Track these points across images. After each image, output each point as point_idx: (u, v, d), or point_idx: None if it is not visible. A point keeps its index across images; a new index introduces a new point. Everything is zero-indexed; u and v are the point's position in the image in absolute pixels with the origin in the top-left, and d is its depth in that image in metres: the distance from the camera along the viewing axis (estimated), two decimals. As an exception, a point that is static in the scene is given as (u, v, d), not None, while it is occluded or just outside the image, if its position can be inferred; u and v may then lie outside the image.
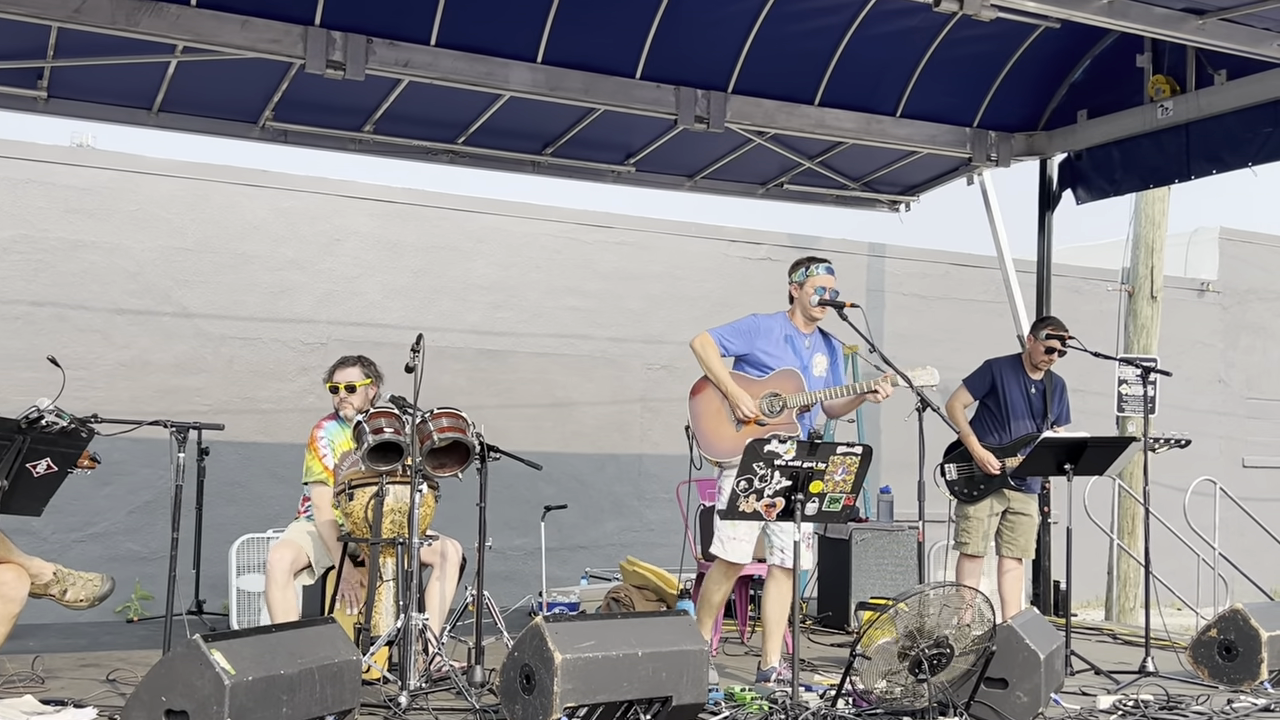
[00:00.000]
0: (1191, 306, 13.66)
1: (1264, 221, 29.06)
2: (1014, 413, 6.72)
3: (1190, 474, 10.77)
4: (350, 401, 5.71)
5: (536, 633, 4.37)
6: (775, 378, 5.63)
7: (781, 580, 5.66)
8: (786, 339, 5.70)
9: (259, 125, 7.64)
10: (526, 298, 10.17)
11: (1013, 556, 6.78)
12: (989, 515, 6.70)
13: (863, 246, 11.85)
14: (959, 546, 6.74)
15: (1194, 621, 9.46)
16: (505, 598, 8.80)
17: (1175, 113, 7.67)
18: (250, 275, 9.17)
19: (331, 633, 4.42)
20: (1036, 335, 6.77)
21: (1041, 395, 6.76)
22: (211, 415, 8.71)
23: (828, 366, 5.80)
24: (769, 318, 5.75)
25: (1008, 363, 6.83)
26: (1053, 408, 6.75)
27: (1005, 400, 6.72)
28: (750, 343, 5.66)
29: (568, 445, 10.23)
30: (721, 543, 5.56)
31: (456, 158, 8.21)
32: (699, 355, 5.65)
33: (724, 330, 5.70)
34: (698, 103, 7.49)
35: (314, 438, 5.72)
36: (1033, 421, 6.73)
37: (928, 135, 8.33)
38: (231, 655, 3.87)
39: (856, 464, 4.81)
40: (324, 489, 5.63)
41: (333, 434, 5.73)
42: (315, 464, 5.68)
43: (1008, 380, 6.75)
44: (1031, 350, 6.78)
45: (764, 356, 5.65)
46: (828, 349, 5.83)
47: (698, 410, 5.68)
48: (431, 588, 5.49)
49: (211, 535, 8.03)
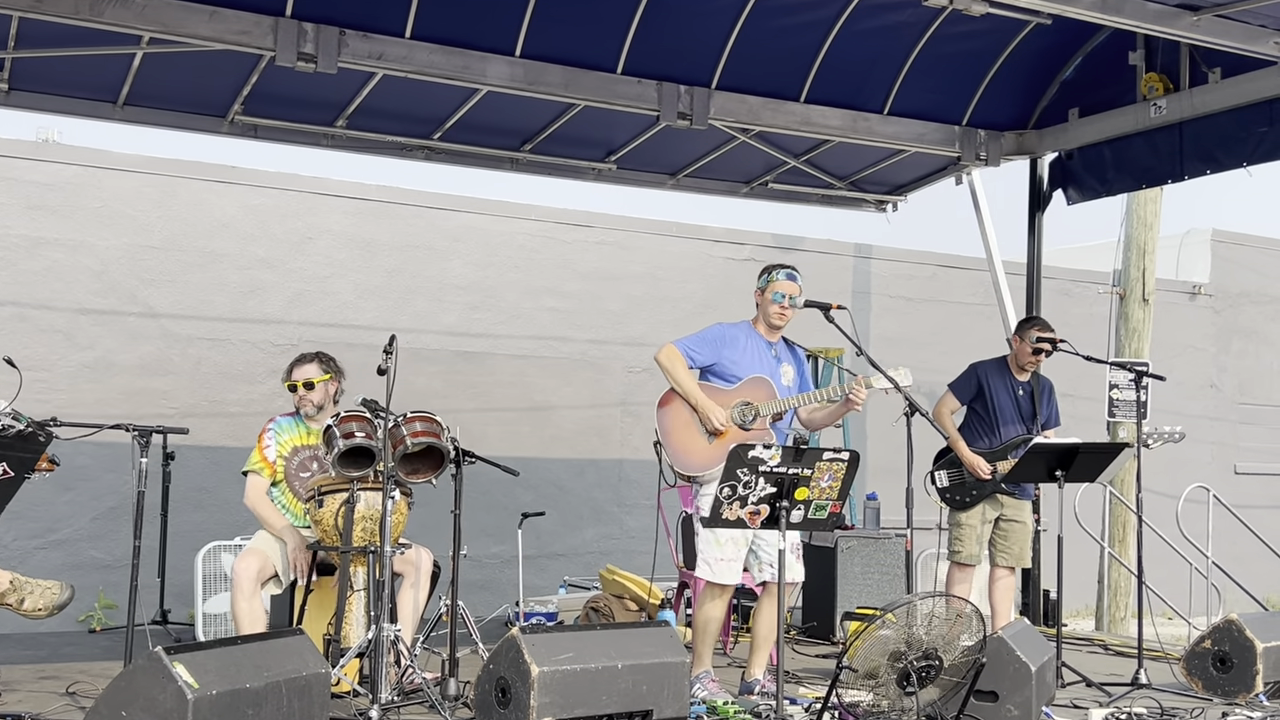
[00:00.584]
0: (1183, 310, 13.70)
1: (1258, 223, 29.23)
2: (1003, 416, 6.70)
3: (1182, 480, 10.79)
4: (310, 399, 5.71)
5: (512, 644, 4.34)
6: (745, 386, 5.59)
7: (773, 598, 5.60)
8: (753, 348, 5.65)
9: (228, 120, 7.58)
10: (504, 298, 10.12)
11: (1007, 565, 6.75)
12: (982, 523, 6.68)
13: (848, 247, 11.84)
14: (951, 555, 6.71)
15: (1186, 631, 9.49)
16: (481, 607, 8.75)
17: (1168, 111, 7.67)
18: (219, 274, 9.09)
19: (299, 644, 4.36)
20: (1023, 336, 6.75)
21: (1030, 397, 6.74)
22: (178, 419, 8.67)
23: (795, 376, 5.76)
24: (733, 326, 5.71)
25: (993, 365, 6.82)
26: (1041, 410, 6.74)
27: (993, 404, 6.70)
28: (717, 352, 5.61)
29: (546, 450, 10.19)
30: (709, 565, 5.48)
31: (432, 154, 8.18)
32: (665, 368, 5.58)
33: (689, 341, 5.64)
34: (680, 99, 7.48)
35: (263, 430, 5.75)
36: (1022, 424, 6.72)
37: (915, 133, 8.33)
38: (195, 668, 3.81)
39: (843, 470, 4.76)
40: (258, 479, 5.63)
41: (282, 428, 5.74)
42: (255, 454, 5.69)
43: (994, 383, 6.73)
44: (1018, 352, 6.76)
45: (731, 365, 5.60)
46: (794, 359, 5.80)
47: (667, 424, 5.59)
48: (404, 597, 5.44)
49: (178, 543, 7.98)
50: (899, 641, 4.64)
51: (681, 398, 5.57)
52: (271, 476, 5.61)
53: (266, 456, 5.64)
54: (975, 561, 6.68)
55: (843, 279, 11.65)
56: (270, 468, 5.61)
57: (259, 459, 5.65)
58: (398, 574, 5.46)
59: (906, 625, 4.68)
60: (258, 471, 5.64)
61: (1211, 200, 40.71)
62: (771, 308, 5.65)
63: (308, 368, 5.75)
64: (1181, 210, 17.59)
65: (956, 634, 4.80)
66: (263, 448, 5.67)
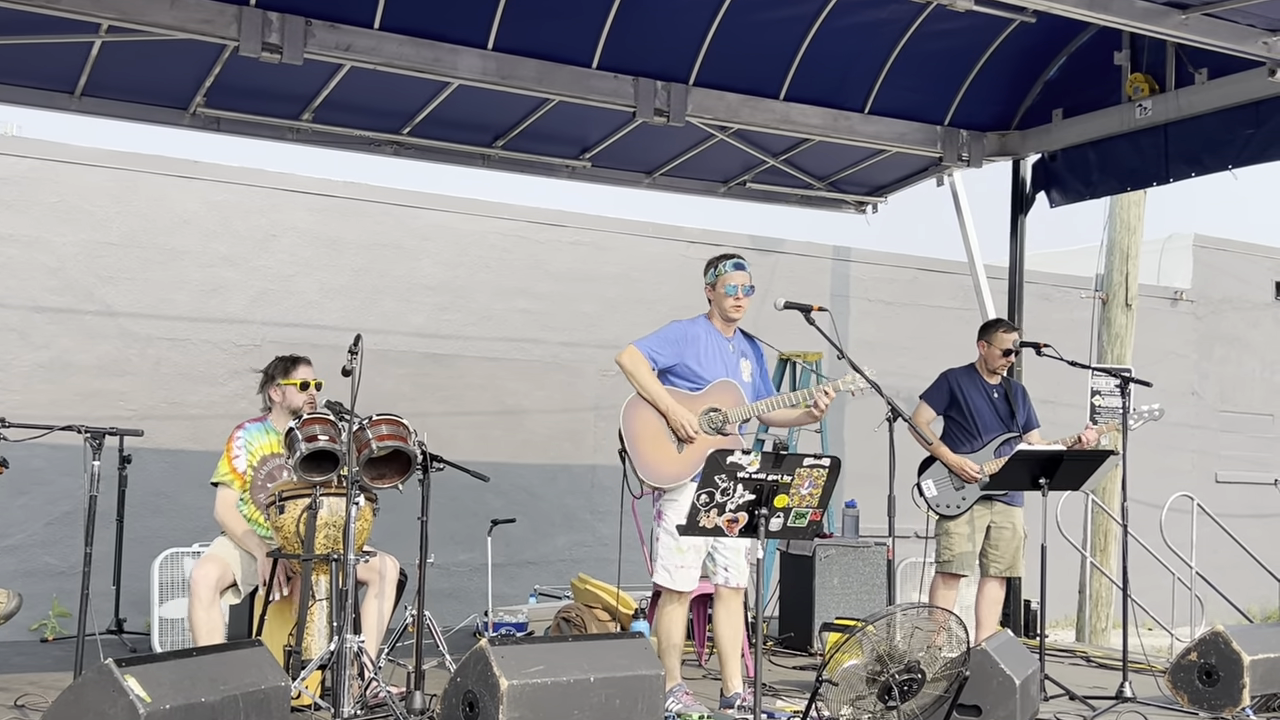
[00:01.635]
0: (1164, 316, 13.74)
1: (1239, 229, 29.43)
2: (981, 420, 6.70)
3: (1162, 489, 10.79)
4: (314, 400, 5.62)
5: (481, 656, 4.29)
6: (712, 392, 5.53)
7: (730, 601, 5.56)
8: (713, 345, 5.59)
9: (189, 112, 7.49)
10: (474, 299, 10.05)
11: (998, 575, 6.71)
12: (973, 530, 6.64)
13: (827, 249, 11.83)
14: (940, 565, 6.67)
15: (1169, 642, 9.50)
16: (449, 617, 8.67)
17: (1154, 113, 7.67)
18: (179, 272, 8.98)
19: (258, 656, 4.28)
20: (991, 339, 6.75)
21: (1005, 399, 6.76)
22: (136, 420, 8.55)
23: (754, 370, 5.72)
24: (692, 324, 5.64)
25: (963, 372, 6.82)
26: (1019, 411, 6.75)
27: (969, 409, 6.70)
28: (679, 352, 5.53)
29: (517, 455, 10.13)
30: (669, 572, 5.42)
31: (401, 149, 8.10)
32: (629, 372, 5.49)
33: (651, 342, 5.55)
34: (657, 95, 7.43)
35: (232, 437, 5.63)
36: (1002, 425, 6.72)
37: (897, 133, 8.31)
38: (148, 681, 3.74)
39: (824, 477, 4.70)
40: (228, 492, 5.52)
41: (252, 436, 5.62)
42: (224, 464, 5.57)
43: (967, 389, 6.74)
44: (987, 356, 6.77)
45: (694, 366, 5.53)
46: (752, 351, 5.75)
47: (635, 432, 5.48)
48: (368, 607, 5.37)
49: (135, 549, 7.88)
50: (881, 654, 4.57)
51: (647, 403, 5.48)
52: (242, 488, 5.51)
53: (236, 467, 5.53)
54: (965, 571, 6.65)
55: (821, 282, 11.63)
56: (241, 479, 5.52)
57: (228, 470, 5.54)
58: (362, 583, 5.38)
59: (888, 637, 4.63)
60: (228, 484, 5.52)
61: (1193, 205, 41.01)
62: (726, 301, 5.59)
63: (308, 368, 5.69)
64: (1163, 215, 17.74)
65: (939, 646, 4.75)
66: (232, 457, 5.56)
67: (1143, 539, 9.15)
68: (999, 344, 6.71)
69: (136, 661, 3.81)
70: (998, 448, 6.63)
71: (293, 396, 5.62)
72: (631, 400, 5.53)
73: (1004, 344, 6.71)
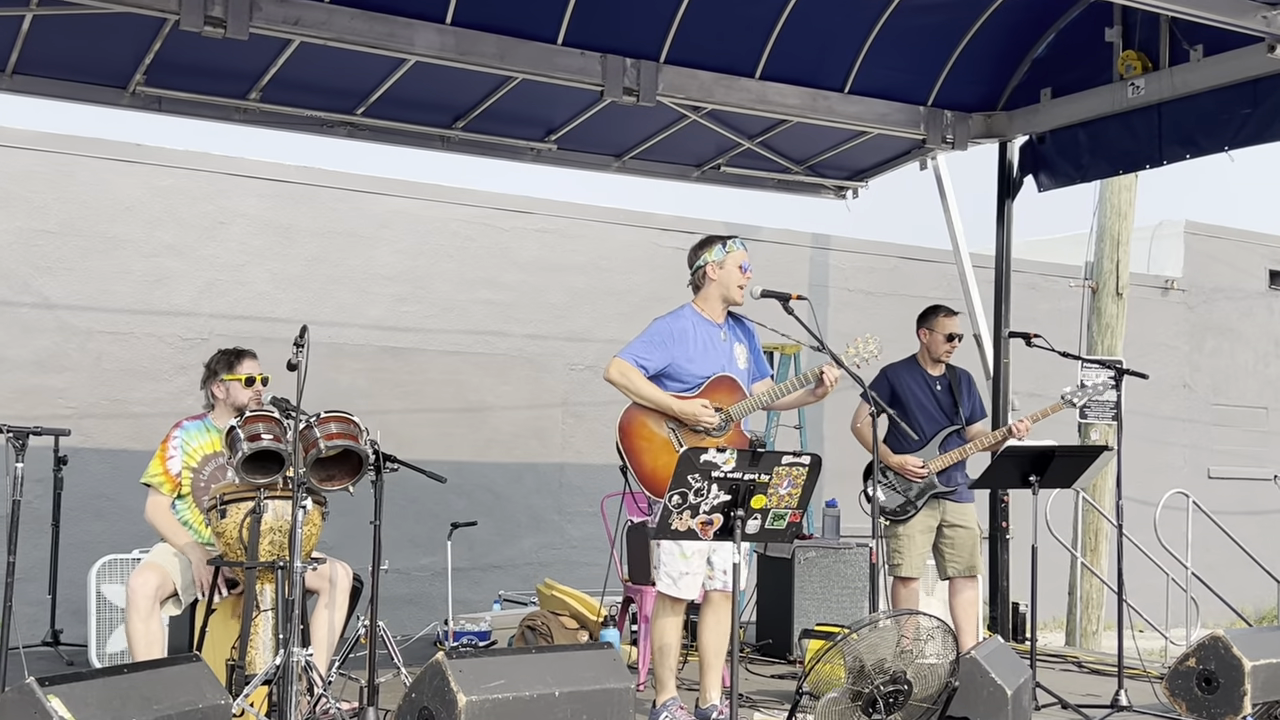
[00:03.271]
0: (1155, 306, 13.74)
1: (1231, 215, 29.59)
2: (922, 415, 6.59)
3: (1153, 486, 10.76)
4: (260, 396, 5.46)
5: (437, 670, 4.18)
6: (710, 388, 5.39)
7: (721, 606, 5.41)
8: (703, 337, 5.44)
9: (129, 91, 7.35)
10: (435, 290, 10.00)
11: (961, 575, 6.61)
12: (921, 532, 6.55)
13: (806, 238, 11.82)
14: (892, 570, 6.57)
15: (1162, 645, 9.44)
16: (410, 624, 8.61)
17: (1147, 92, 7.58)
18: (122, 262, 8.89)
19: (196, 673, 4.14)
20: (932, 326, 6.66)
21: (948, 390, 6.68)
22: (76, 419, 8.45)
23: (748, 355, 5.59)
24: (676, 318, 5.47)
25: (902, 366, 6.74)
26: (963, 403, 6.67)
27: (909, 404, 6.58)
28: (668, 353, 5.36)
29: (481, 454, 10.09)
30: (672, 579, 5.26)
31: (355, 130, 7.99)
32: (622, 385, 5.31)
33: (636, 349, 5.37)
34: (626, 73, 7.32)
35: (168, 436, 5.43)
36: (945, 419, 6.63)
37: (878, 114, 8.23)
38: (73, 701, 3.61)
39: (804, 476, 4.59)
40: (158, 496, 5.34)
41: (190, 435, 5.44)
42: (155, 464, 5.37)
43: (905, 382, 6.65)
44: (929, 344, 6.68)
45: (687, 364, 5.37)
46: (744, 335, 5.62)
47: (635, 445, 5.30)
48: (317, 618, 5.22)
49: (75, 555, 7.77)
50: (864, 664, 4.46)
51: (645, 414, 5.31)
52: (173, 491, 5.33)
53: (169, 469, 5.35)
54: (917, 574, 6.57)
55: (799, 271, 11.61)
56: (172, 481, 5.33)
57: (159, 471, 5.36)
58: (311, 591, 5.24)
59: (871, 646, 4.52)
60: (156, 486, 5.35)
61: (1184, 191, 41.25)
62: (736, 278, 5.45)
63: (253, 362, 5.53)
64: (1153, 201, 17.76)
65: (926, 655, 4.65)
66: (165, 457, 5.39)
67: (1134, 537, 9.10)
68: (941, 329, 6.61)
69: (62, 680, 3.67)
70: (942, 442, 6.54)
71: (237, 393, 5.45)
72: (628, 412, 5.35)
73: (946, 329, 6.61)
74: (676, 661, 5.44)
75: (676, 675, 5.43)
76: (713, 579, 5.38)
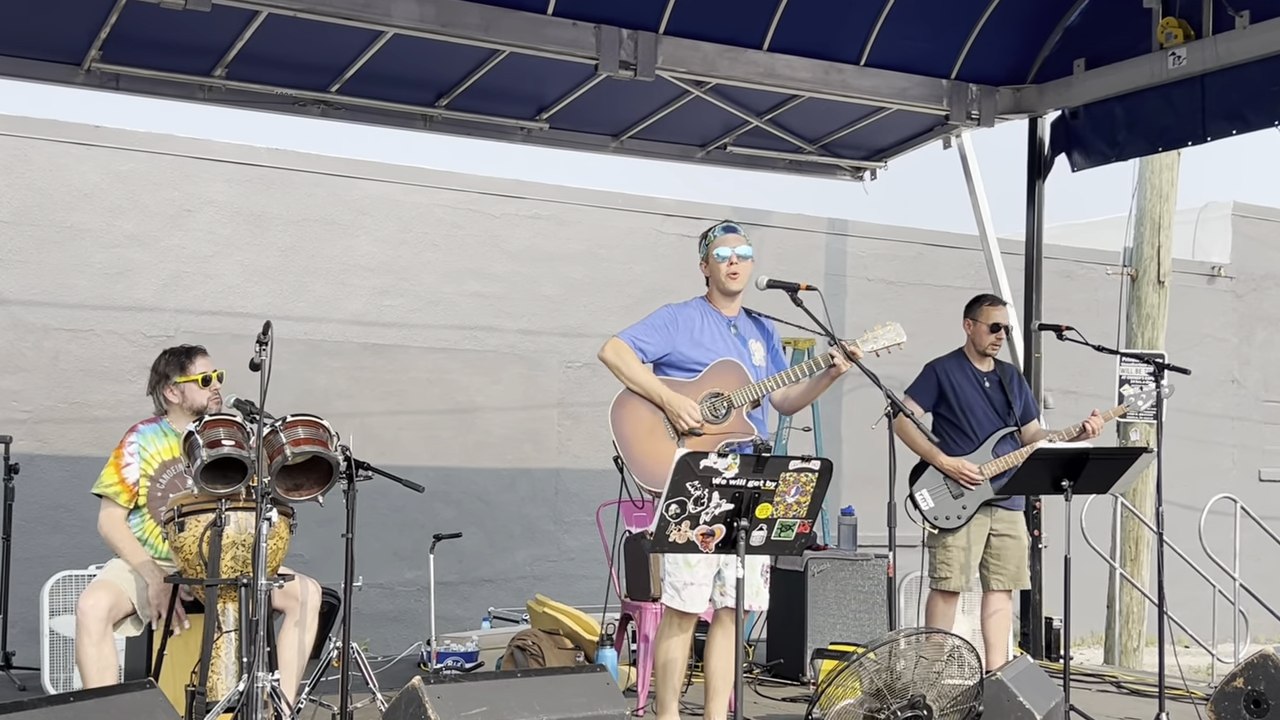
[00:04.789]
0: (1200, 294, 13.70)
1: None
2: (973, 415, 6.61)
3: (1199, 489, 10.69)
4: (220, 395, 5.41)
5: (414, 697, 4.20)
6: (712, 373, 5.37)
7: (732, 626, 5.35)
8: (711, 326, 5.44)
9: (84, 68, 7.33)
10: (420, 281, 10.00)
11: (1003, 589, 6.59)
12: (971, 542, 6.56)
13: (821, 223, 11.80)
14: (936, 583, 6.58)
15: (1209, 662, 9.38)
16: (394, 643, 8.60)
17: (1189, 62, 7.55)
18: (80, 253, 8.90)
19: (150, 700, 4.09)
20: (976, 316, 6.67)
21: (999, 387, 6.69)
22: (31, 423, 8.45)
23: (765, 353, 5.57)
24: (685, 306, 5.50)
25: (951, 361, 6.75)
26: (1015, 400, 6.66)
27: (960, 402, 6.61)
28: (670, 339, 5.38)
29: (470, 459, 10.08)
30: (676, 591, 5.24)
31: (330, 110, 7.98)
32: (613, 366, 5.35)
33: (637, 330, 5.41)
34: (622, 45, 7.33)
35: (124, 442, 5.35)
36: (998, 418, 6.63)
37: (897, 88, 8.24)
38: (12, 734, 3.51)
39: (814, 483, 4.52)
40: (113, 509, 5.27)
41: (147, 439, 5.37)
42: (110, 473, 5.29)
43: (956, 379, 6.66)
44: (974, 336, 6.70)
45: (690, 352, 5.37)
46: (760, 331, 5.60)
47: (626, 433, 5.32)
48: (285, 639, 5.16)
49: (29, 570, 7.76)
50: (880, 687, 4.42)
51: (641, 397, 5.32)
52: (130, 502, 5.27)
53: (125, 478, 5.28)
54: (962, 588, 6.57)
55: (814, 259, 11.59)
56: (129, 491, 5.27)
57: (114, 480, 5.29)
58: (278, 611, 5.18)
59: (888, 667, 4.48)
60: (112, 497, 5.28)
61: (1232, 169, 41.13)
62: (720, 268, 5.45)
63: (205, 360, 5.49)
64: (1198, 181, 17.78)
65: (948, 677, 4.61)
66: (121, 465, 5.31)
67: (1178, 546, 9.05)
68: (985, 319, 6.62)
69: (2, 710, 3.60)
70: (995, 445, 6.53)
71: (194, 395, 5.38)
72: (619, 397, 5.38)
73: (991, 318, 6.61)
74: (680, 682, 5.39)
75: (680, 698, 5.38)
76: (724, 595, 5.33)
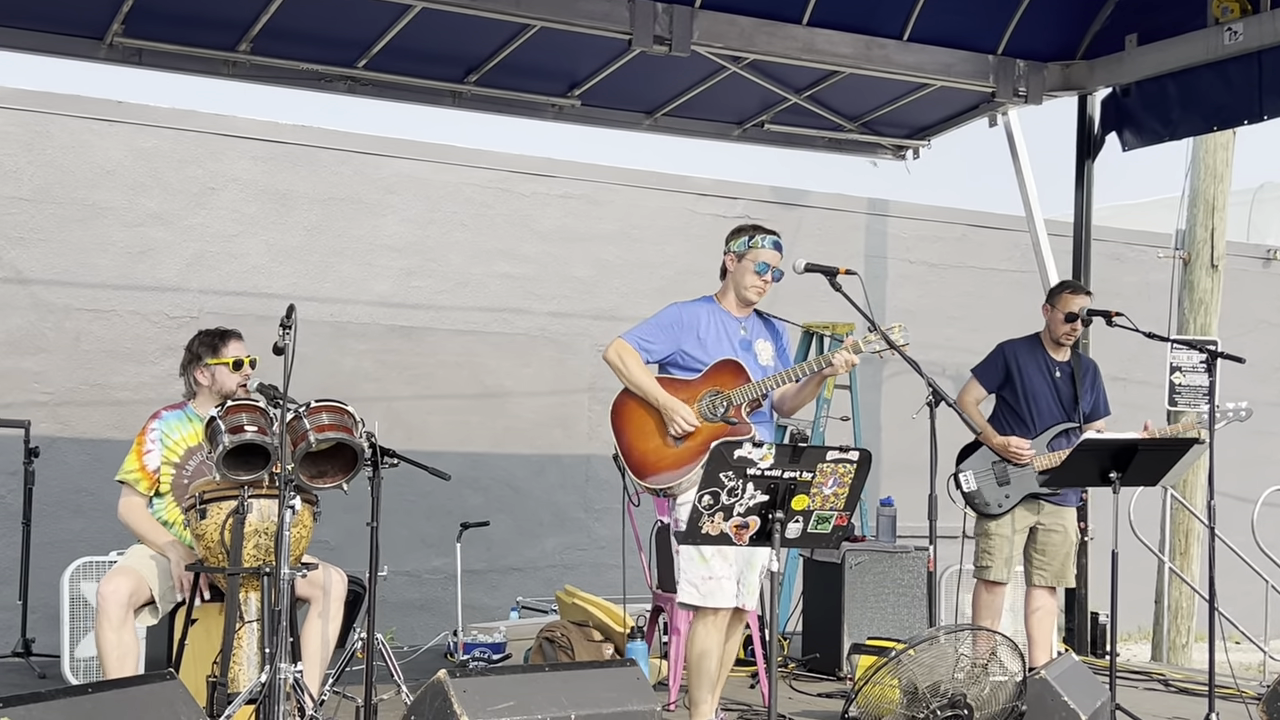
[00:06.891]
0: (1255, 278, 13.58)
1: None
2: (1036, 404, 6.61)
3: (1252, 481, 10.61)
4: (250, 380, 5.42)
5: (439, 691, 4.26)
6: (711, 373, 5.43)
7: (736, 624, 5.44)
8: (718, 326, 5.48)
9: (106, 42, 7.38)
10: (448, 262, 9.99)
11: (1045, 585, 6.57)
12: (1014, 532, 6.55)
13: (861, 203, 11.76)
14: (979, 572, 6.61)
15: (1260, 659, 9.33)
16: (421, 633, 8.64)
17: (1246, 37, 7.49)
18: (102, 232, 8.90)
19: (170, 692, 4.15)
20: (1053, 303, 6.67)
21: (1069, 379, 6.66)
22: (53, 405, 8.52)
23: (774, 354, 5.62)
24: (692, 305, 5.55)
25: (1023, 345, 6.73)
26: (1084, 394, 6.62)
27: (1024, 389, 6.61)
28: (675, 340, 5.45)
29: (499, 444, 10.08)
30: (694, 587, 5.27)
31: (356, 86, 8.03)
32: (615, 367, 5.46)
33: (642, 331, 5.50)
34: (657, 19, 7.33)
35: (146, 428, 5.41)
36: (1061, 411, 6.62)
37: (941, 64, 8.23)
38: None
39: (851, 474, 4.52)
40: (134, 497, 5.33)
41: (170, 426, 5.44)
42: (132, 459, 5.36)
43: (1024, 364, 6.65)
44: (1050, 323, 6.69)
45: (695, 352, 5.44)
46: (770, 333, 5.65)
47: (625, 430, 5.46)
48: (309, 629, 5.21)
49: (51, 555, 7.85)
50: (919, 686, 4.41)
51: (637, 399, 5.43)
52: (150, 489, 5.33)
53: (146, 465, 5.35)
54: (1005, 579, 6.59)
55: (854, 240, 11.55)
56: (149, 478, 5.33)
57: (135, 466, 5.36)
58: (302, 600, 5.22)
59: (928, 665, 4.47)
60: (132, 484, 5.34)
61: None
62: (749, 279, 5.48)
63: (239, 344, 5.55)
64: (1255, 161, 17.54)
65: (990, 675, 4.60)
66: (143, 452, 5.38)
67: (1230, 539, 9.00)
68: (1062, 306, 6.61)
69: (18, 700, 3.68)
70: (1052, 440, 6.52)
71: (224, 378, 5.44)
72: (619, 397, 5.51)
73: (1067, 307, 6.58)
74: (714, 681, 5.40)
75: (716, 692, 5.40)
76: (738, 596, 5.36)
